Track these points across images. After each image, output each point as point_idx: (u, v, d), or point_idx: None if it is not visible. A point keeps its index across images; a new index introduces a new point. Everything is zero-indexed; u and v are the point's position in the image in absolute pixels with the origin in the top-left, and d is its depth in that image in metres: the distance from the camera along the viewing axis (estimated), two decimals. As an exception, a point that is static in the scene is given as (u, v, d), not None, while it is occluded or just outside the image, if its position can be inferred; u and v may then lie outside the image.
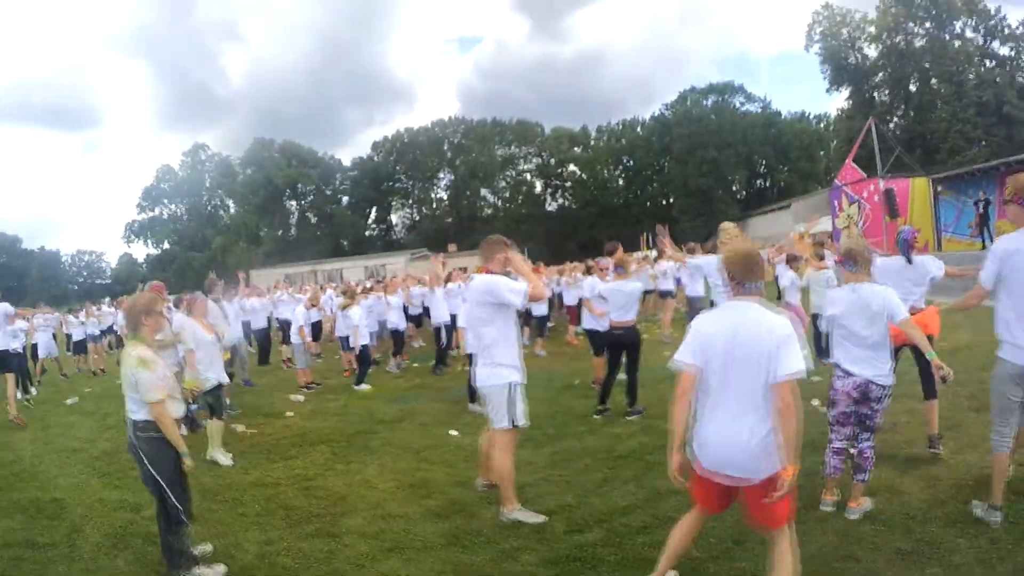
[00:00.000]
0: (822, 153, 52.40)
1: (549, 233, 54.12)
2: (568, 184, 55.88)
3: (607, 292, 5.92)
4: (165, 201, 54.01)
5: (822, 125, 53.47)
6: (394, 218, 57.05)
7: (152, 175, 54.14)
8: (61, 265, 58.86)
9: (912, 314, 3.45)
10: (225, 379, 5.89)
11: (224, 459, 5.18)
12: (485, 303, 3.55)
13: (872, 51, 39.81)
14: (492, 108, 76.96)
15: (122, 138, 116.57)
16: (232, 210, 54.01)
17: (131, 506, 4.06)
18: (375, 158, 55.47)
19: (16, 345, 8.59)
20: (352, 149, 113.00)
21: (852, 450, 3.38)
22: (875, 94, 41.02)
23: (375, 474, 4.46)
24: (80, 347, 12.66)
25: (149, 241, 53.71)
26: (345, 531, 3.55)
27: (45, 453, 5.87)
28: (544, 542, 3.18)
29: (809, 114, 54.70)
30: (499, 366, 3.46)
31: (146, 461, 3.04)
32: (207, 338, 5.28)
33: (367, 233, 56.34)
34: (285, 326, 10.68)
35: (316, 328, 10.43)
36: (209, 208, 54.36)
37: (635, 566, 2.81)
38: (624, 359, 5.73)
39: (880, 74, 39.75)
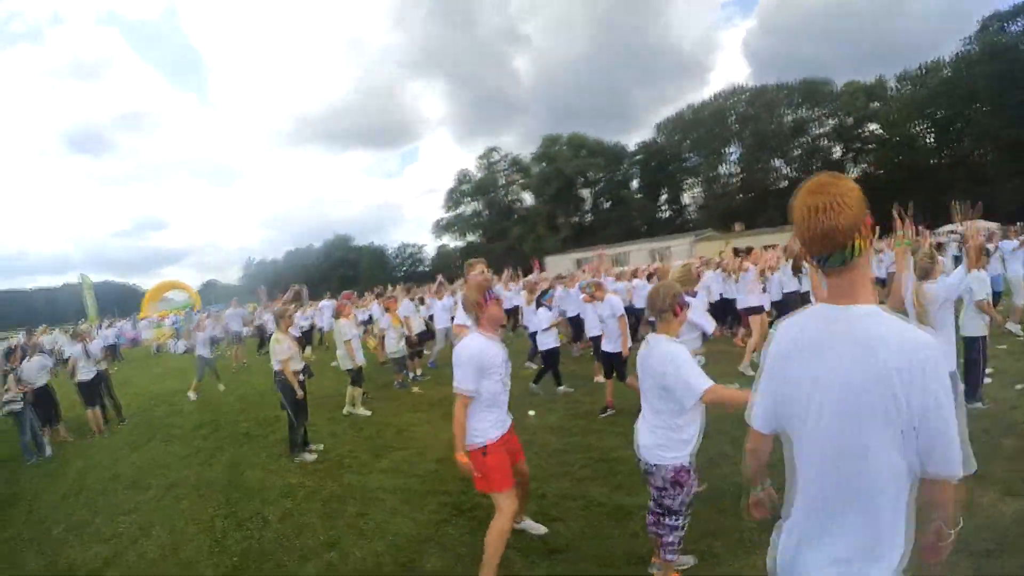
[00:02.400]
0: None
1: None
2: (872, 146, 53.49)
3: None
4: (467, 200, 62.81)
5: None
6: (685, 198, 60.38)
7: (452, 178, 64.16)
8: (386, 257, 71.69)
9: None
10: (362, 361, 8.49)
11: (362, 411, 8.29)
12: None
13: None
14: (783, 68, 76.36)
15: (433, 147, 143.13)
16: (527, 202, 61.60)
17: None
18: (658, 140, 58.91)
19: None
20: (646, 132, 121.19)
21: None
22: None
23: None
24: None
25: (455, 235, 63.37)
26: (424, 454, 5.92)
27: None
28: None
29: None
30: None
31: (280, 392, 6.44)
32: (354, 332, 8.42)
33: (659, 216, 60.67)
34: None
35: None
36: (505, 202, 62.36)
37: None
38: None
39: None
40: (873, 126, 57.28)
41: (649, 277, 11.14)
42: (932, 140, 55.08)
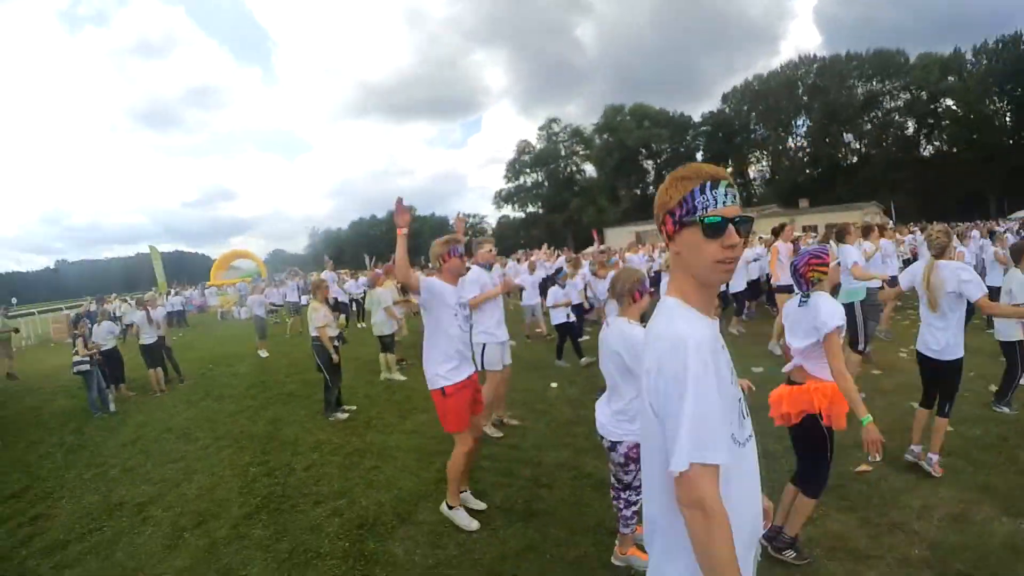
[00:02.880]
0: None
1: (923, 183, 54.48)
2: (946, 123, 52.59)
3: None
4: (528, 171, 63.20)
5: None
6: (752, 171, 60.48)
7: (513, 149, 64.51)
8: (448, 228, 72.54)
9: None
10: (394, 328, 9.21)
11: (398, 376, 8.96)
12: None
13: None
14: (856, 37, 74.45)
15: (496, 118, 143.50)
16: (588, 174, 62.05)
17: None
18: (725, 110, 58.54)
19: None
20: (713, 102, 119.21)
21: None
22: None
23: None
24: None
25: (515, 206, 63.88)
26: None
27: None
28: None
29: None
30: None
31: (316, 355, 7.15)
32: (389, 299, 9.13)
33: (728, 189, 60.86)
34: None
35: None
36: (566, 173, 62.73)
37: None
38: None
39: None
40: (948, 101, 56.53)
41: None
42: (1010, 119, 54.24)
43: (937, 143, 57.90)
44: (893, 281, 7.70)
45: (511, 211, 72.67)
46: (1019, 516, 3.60)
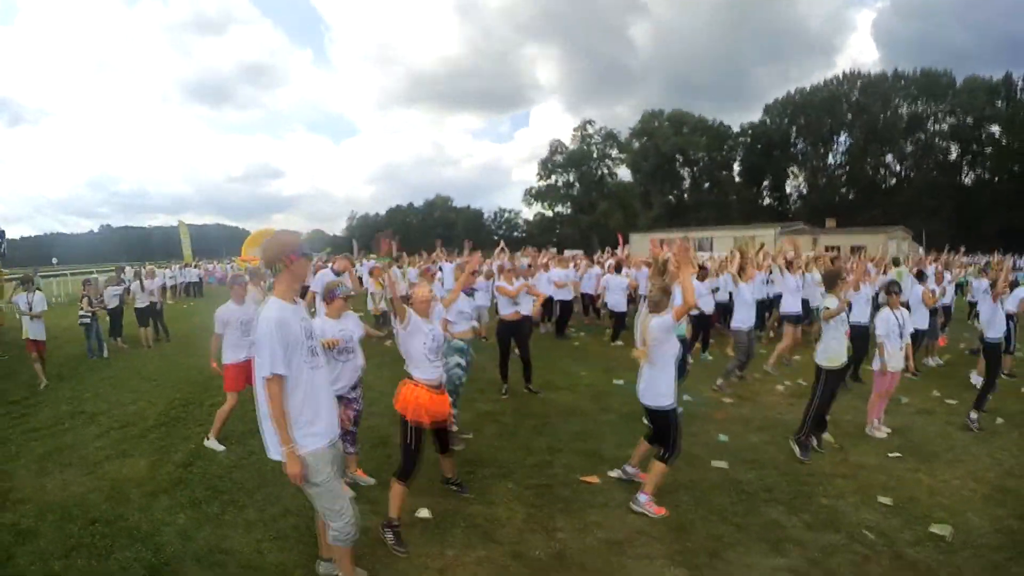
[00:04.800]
0: None
1: (961, 210, 54.38)
2: (989, 150, 52.98)
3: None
4: (559, 170, 64.80)
5: None
6: (788, 186, 61.50)
7: (546, 148, 65.64)
8: (483, 220, 74.79)
9: None
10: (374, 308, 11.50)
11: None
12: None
13: None
14: (914, 55, 74.02)
15: (544, 114, 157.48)
16: (620, 177, 64.00)
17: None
18: (767, 121, 59.27)
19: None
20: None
21: None
22: None
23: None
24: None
25: (545, 204, 65.81)
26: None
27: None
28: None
29: None
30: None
31: None
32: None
33: (762, 202, 61.71)
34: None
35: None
36: (596, 176, 64.13)
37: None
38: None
39: None
40: (994, 128, 56.33)
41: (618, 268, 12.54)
42: (1056, 151, 53.77)
43: (979, 171, 57.95)
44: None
45: (540, 209, 74.27)
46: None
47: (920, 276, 9.46)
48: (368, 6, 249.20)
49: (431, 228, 74.71)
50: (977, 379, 7.97)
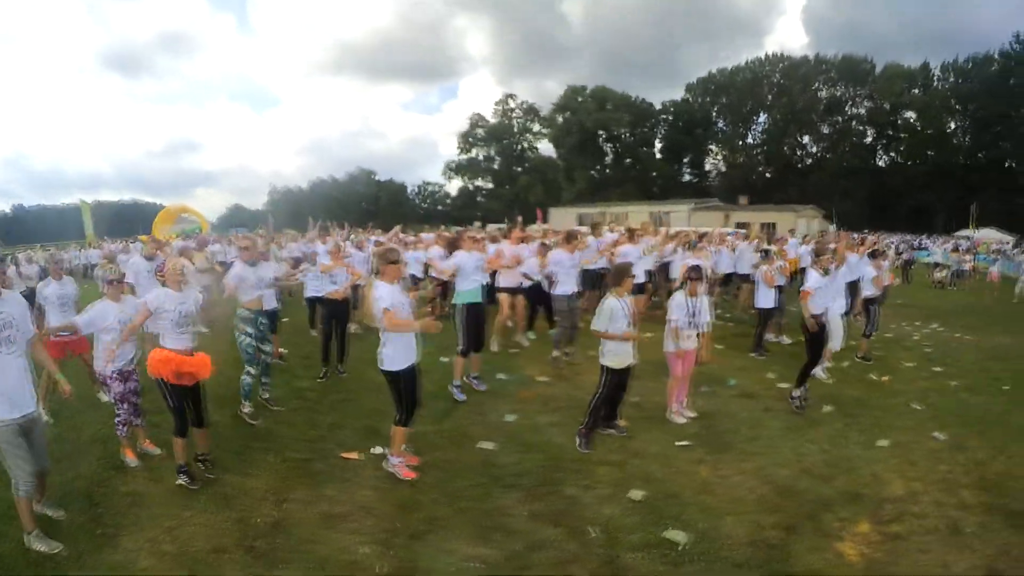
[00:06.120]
0: None
1: (874, 192, 56.00)
2: (904, 135, 54.65)
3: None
4: (481, 144, 64.52)
5: None
6: (707, 164, 61.92)
7: (465, 121, 68.56)
8: (407, 195, 73.71)
9: None
10: None
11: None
12: None
13: None
14: (847, 41, 76.21)
15: (474, 86, 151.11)
16: (541, 152, 64.16)
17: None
18: (689, 100, 59.69)
19: None
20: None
21: None
22: None
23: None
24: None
25: (465, 178, 65.28)
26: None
27: None
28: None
29: None
30: None
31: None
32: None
33: (682, 179, 62.15)
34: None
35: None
36: (517, 150, 63.75)
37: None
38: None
39: None
40: (910, 114, 57.90)
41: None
42: (968, 139, 55.86)
43: (893, 154, 59.69)
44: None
45: (460, 183, 72.87)
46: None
47: (766, 254, 9.43)
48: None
49: (355, 202, 72.83)
50: (818, 370, 7.26)
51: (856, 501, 4.35)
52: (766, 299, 8.68)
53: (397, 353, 4.55)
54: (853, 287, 8.73)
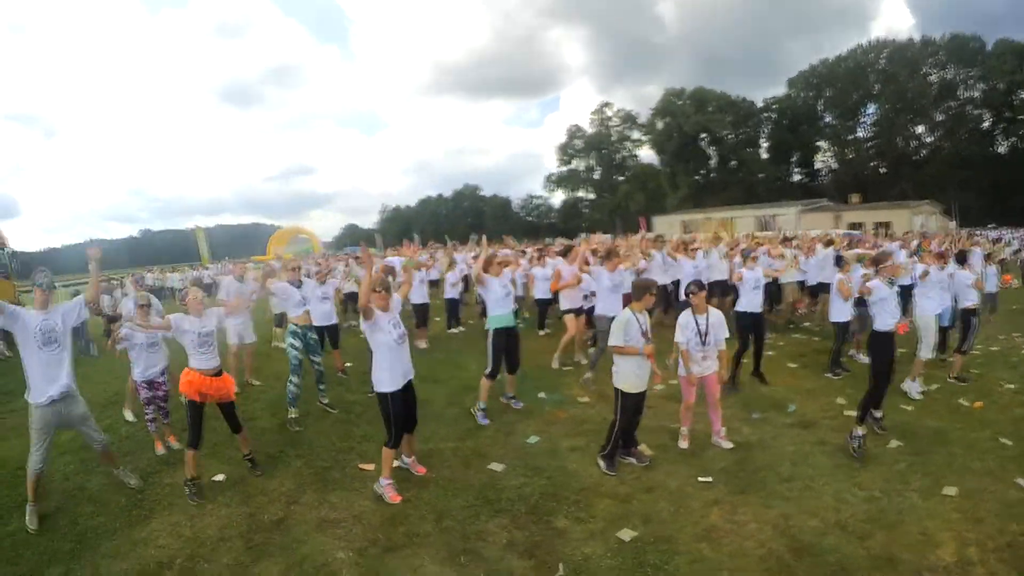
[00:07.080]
0: None
1: (995, 182, 53.50)
2: (1022, 117, 52.45)
3: None
4: (580, 155, 66.09)
5: None
6: (818, 162, 61.63)
7: (564, 133, 71.00)
8: (511, 209, 76.61)
9: None
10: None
11: None
12: None
13: None
14: (952, 20, 72.72)
15: (574, 97, 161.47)
16: (641, 159, 65.68)
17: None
18: (792, 95, 59.19)
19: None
20: None
21: None
22: None
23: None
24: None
25: (567, 190, 67.52)
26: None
27: None
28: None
29: None
30: None
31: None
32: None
33: (791, 180, 62.18)
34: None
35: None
36: (617, 159, 65.10)
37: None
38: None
39: None
40: (1025, 93, 55.01)
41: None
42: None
43: (1014, 139, 56.42)
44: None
45: (562, 195, 75.46)
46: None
47: (839, 261, 8.87)
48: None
49: (461, 217, 76.67)
50: (911, 385, 6.96)
51: (888, 567, 3.65)
52: (841, 312, 7.89)
53: (387, 374, 4.71)
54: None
